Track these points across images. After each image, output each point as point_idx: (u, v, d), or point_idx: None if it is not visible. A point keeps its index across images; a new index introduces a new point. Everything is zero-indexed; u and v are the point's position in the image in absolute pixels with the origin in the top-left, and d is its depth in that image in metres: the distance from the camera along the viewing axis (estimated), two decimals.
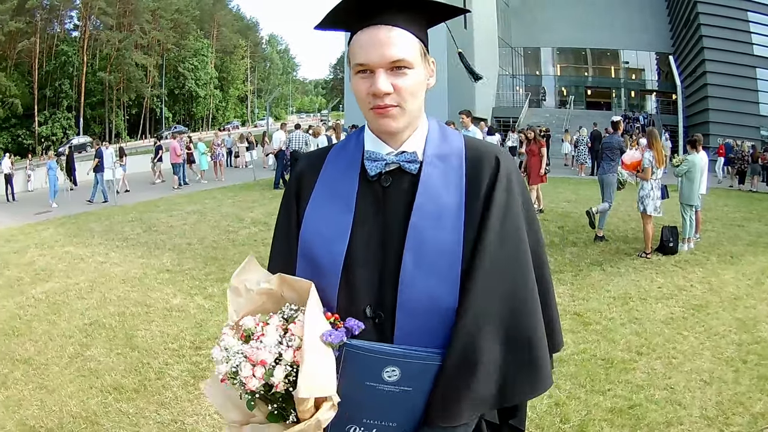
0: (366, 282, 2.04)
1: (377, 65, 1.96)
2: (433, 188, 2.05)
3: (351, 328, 1.92)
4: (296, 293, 2.02)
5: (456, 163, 2.11)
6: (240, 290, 2.10)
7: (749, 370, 7.24)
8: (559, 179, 30.15)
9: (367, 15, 2.00)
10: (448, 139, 2.19)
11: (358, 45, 2.02)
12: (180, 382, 6.97)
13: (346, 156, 2.23)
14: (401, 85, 1.97)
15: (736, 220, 18.57)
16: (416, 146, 2.12)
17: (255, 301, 2.07)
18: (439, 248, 1.97)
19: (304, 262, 2.13)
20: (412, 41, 2.01)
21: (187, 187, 29.36)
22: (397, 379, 1.91)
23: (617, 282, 11.14)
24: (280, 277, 2.04)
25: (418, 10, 2.04)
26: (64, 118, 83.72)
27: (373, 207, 2.10)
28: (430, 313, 1.96)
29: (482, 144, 2.23)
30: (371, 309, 2.02)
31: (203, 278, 11.55)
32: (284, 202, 2.32)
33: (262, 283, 2.07)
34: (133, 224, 18.25)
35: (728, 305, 9.83)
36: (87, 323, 9.12)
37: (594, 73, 70.22)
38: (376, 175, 2.10)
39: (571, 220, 17.28)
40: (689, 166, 13.66)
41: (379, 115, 2.01)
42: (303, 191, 2.24)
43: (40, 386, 6.97)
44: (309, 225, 2.15)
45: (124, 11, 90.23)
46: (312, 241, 2.12)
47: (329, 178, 2.21)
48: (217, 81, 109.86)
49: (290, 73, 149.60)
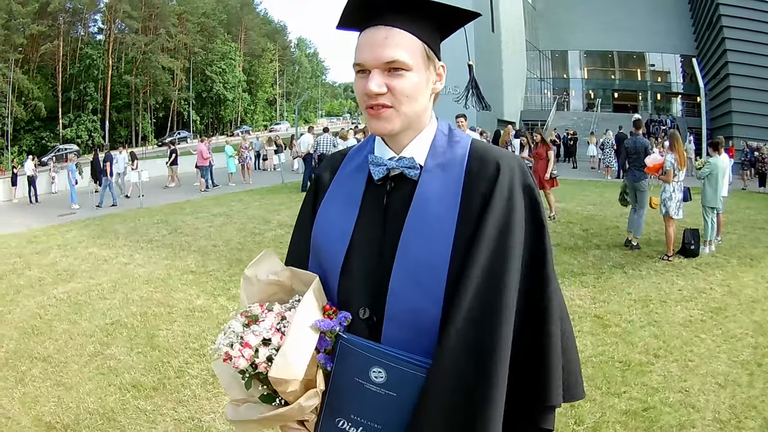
0: (362, 284, 2.05)
1: (372, 65, 1.96)
2: (427, 200, 2.02)
3: (341, 319, 1.98)
4: (305, 286, 2.08)
5: (456, 173, 2.06)
6: (252, 280, 2.19)
7: (764, 374, 7.23)
8: (585, 182, 30.19)
9: (367, 16, 2.00)
10: (453, 145, 2.15)
11: (358, 45, 2.03)
12: (199, 380, 7.01)
13: (359, 158, 2.26)
14: (396, 85, 1.95)
15: (758, 222, 18.45)
16: (417, 152, 2.10)
17: (265, 291, 2.17)
18: (426, 262, 1.95)
19: (314, 259, 2.21)
20: (411, 43, 1.98)
21: (214, 190, 29.54)
22: (383, 381, 1.92)
23: (638, 284, 11.09)
24: (290, 270, 2.14)
25: (420, 11, 2.01)
26: (89, 121, 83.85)
27: (376, 211, 2.10)
28: (414, 324, 1.95)
29: (488, 150, 2.14)
30: (365, 311, 2.02)
31: (227, 279, 11.59)
32: (305, 200, 2.39)
33: (271, 275, 2.16)
34: (158, 226, 18.34)
35: (746, 308, 9.80)
36: (108, 323, 9.17)
37: (620, 76, 70.21)
38: (381, 179, 2.11)
39: (596, 222, 17.19)
40: (711, 168, 13.61)
41: (372, 117, 2.01)
42: (320, 190, 2.31)
43: (57, 383, 7.03)
44: (318, 223, 2.22)
45: (149, 15, 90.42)
46: (319, 239, 2.19)
47: (342, 179, 2.25)
48: (246, 84, 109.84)
49: (319, 77, 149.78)
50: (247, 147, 35.27)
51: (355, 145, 2.39)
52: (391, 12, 1.97)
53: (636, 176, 14.36)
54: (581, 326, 8.79)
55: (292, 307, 2.05)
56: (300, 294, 2.09)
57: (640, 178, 14.26)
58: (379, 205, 2.10)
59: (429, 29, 2.04)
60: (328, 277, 2.12)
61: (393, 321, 1.96)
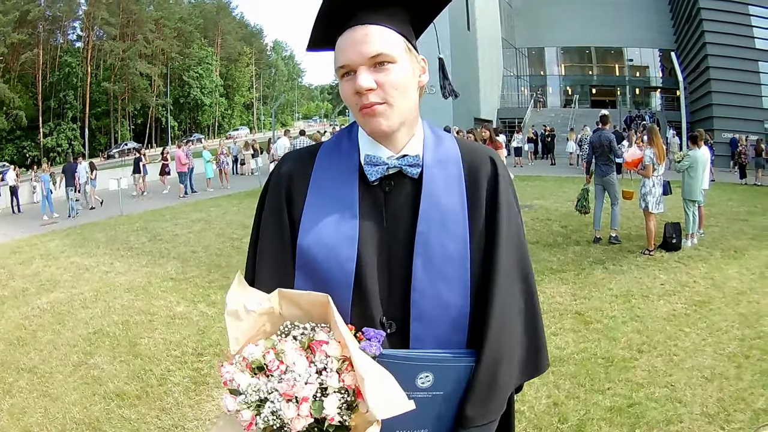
0: (377, 291, 1.96)
1: (357, 63, 1.90)
2: (437, 194, 2.00)
3: (375, 338, 1.81)
4: (300, 309, 1.87)
5: (454, 168, 2.07)
6: (239, 313, 1.87)
7: (751, 366, 7.23)
8: (563, 179, 30.28)
9: (342, 19, 1.97)
10: (443, 143, 2.14)
11: (338, 49, 1.98)
12: (182, 388, 7.01)
13: (340, 158, 2.12)
14: (384, 80, 1.90)
15: (740, 214, 18.64)
16: (418, 150, 2.06)
17: (258, 324, 1.88)
18: (447, 254, 1.94)
19: (305, 275, 1.98)
20: (391, 36, 1.94)
21: (193, 196, 29.58)
22: (430, 384, 1.87)
23: (619, 280, 11.15)
24: (279, 293, 1.86)
25: (393, 4, 1.98)
26: (69, 129, 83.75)
27: (374, 213, 2.01)
28: (443, 318, 1.93)
29: (474, 146, 2.20)
30: (385, 319, 1.96)
31: (207, 285, 11.60)
32: (269, 207, 2.12)
33: (263, 303, 1.86)
34: (138, 234, 18.36)
35: (731, 300, 9.84)
36: (91, 332, 9.17)
37: (598, 72, 70.41)
38: (377, 180, 2.02)
39: (575, 219, 17.18)
40: (690, 161, 13.72)
41: (367, 116, 1.93)
42: (294, 198, 2.08)
43: (44, 394, 7.02)
44: (308, 233, 2.00)
45: (127, 21, 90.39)
46: (313, 251, 1.98)
47: (324, 182, 2.08)
48: (223, 89, 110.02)
49: (296, 80, 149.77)
50: (224, 152, 35.33)
51: (320, 143, 2.25)
52: (364, 11, 1.94)
53: (602, 171, 14.53)
54: (562, 323, 8.84)
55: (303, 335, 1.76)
56: (292, 319, 1.84)
57: (607, 173, 14.45)
58: (377, 207, 2.02)
59: (404, 22, 2.02)
60: (334, 292, 1.88)
61: (420, 319, 1.93)
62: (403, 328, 1.94)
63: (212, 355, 7.97)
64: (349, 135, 2.17)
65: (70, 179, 26.02)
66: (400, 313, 1.94)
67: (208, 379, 7.18)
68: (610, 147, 14.22)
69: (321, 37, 2.07)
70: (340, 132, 2.24)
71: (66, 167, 26.75)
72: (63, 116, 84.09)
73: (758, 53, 45.52)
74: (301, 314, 1.85)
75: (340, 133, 2.23)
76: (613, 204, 14.45)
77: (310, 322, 1.81)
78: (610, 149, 14.21)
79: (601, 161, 14.46)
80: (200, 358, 7.91)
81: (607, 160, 14.30)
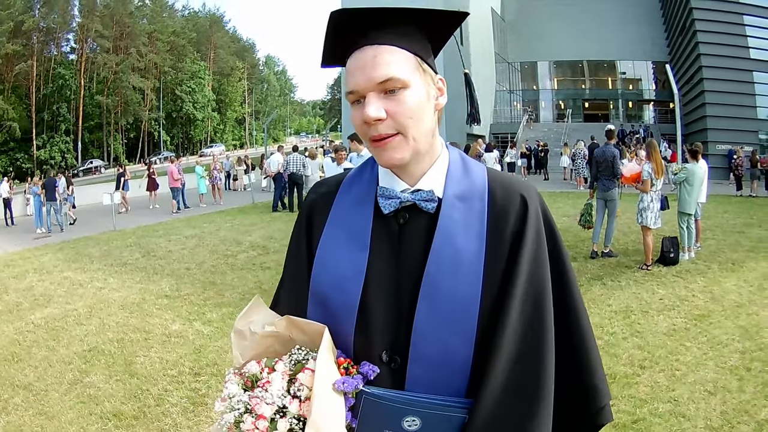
0: (381, 325, 1.87)
1: (365, 89, 1.77)
2: (452, 233, 1.86)
3: (366, 373, 1.79)
4: (307, 336, 1.87)
5: (478, 204, 1.91)
6: (245, 333, 1.94)
7: (753, 378, 7.27)
8: (557, 194, 30.39)
9: (350, 39, 1.85)
10: (470, 174, 1.99)
11: (347, 72, 1.86)
12: (179, 408, 6.95)
13: (359, 189, 2.04)
14: (395, 109, 1.77)
15: (737, 226, 18.76)
16: (435, 183, 1.93)
17: (261, 345, 1.91)
18: (455, 299, 1.80)
19: (316, 303, 1.96)
20: (404, 57, 1.81)
21: (186, 211, 29.57)
22: (417, 428, 1.78)
23: (618, 295, 11.15)
24: (288, 320, 1.86)
25: (404, 22, 1.85)
26: (62, 142, 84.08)
27: (387, 246, 1.92)
28: (443, 363, 1.81)
29: (508, 180, 2.01)
30: (387, 354, 1.86)
31: (202, 303, 11.55)
32: (294, 237, 2.15)
33: (267, 326, 1.90)
34: (131, 249, 18.30)
35: (731, 313, 9.89)
36: (86, 349, 9.11)
37: (591, 85, 70.99)
38: (391, 212, 1.91)
39: (571, 234, 17.18)
40: (687, 174, 13.79)
41: (379, 148, 1.83)
42: (314, 225, 2.07)
43: (40, 412, 6.96)
44: (321, 264, 1.97)
45: (120, 34, 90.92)
46: (324, 281, 1.94)
47: (342, 213, 2.02)
48: (215, 103, 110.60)
49: (288, 95, 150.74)
50: (217, 168, 35.39)
51: (348, 172, 2.17)
52: (373, 29, 1.81)
53: (605, 185, 14.56)
54: None
55: (299, 361, 1.80)
56: (301, 344, 1.86)
57: (609, 188, 14.48)
58: (391, 240, 1.92)
59: (418, 40, 1.88)
60: (339, 322, 1.88)
61: (419, 362, 1.81)
62: (406, 365, 1.84)
63: (209, 375, 7.91)
64: (372, 165, 2.08)
65: (51, 194, 25.84)
66: (405, 349, 1.84)
67: (207, 400, 7.12)
68: (613, 162, 14.25)
69: (331, 55, 1.95)
70: (364, 162, 2.14)
71: (47, 182, 26.58)
72: (56, 129, 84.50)
73: (753, 63, 45.73)
74: (308, 340, 1.86)
75: (364, 163, 2.14)
76: (611, 219, 14.49)
77: (311, 350, 1.84)
78: (613, 164, 14.23)
79: (604, 176, 14.49)
80: (197, 378, 7.85)
81: (610, 175, 14.34)
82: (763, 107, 45.81)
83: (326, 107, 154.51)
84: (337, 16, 1.82)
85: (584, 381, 1.93)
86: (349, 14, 1.81)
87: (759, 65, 45.60)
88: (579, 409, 1.94)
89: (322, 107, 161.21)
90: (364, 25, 1.81)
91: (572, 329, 1.94)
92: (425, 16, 1.86)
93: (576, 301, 1.99)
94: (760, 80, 45.53)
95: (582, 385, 1.93)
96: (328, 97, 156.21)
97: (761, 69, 45.47)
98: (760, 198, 28.60)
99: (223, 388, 1.82)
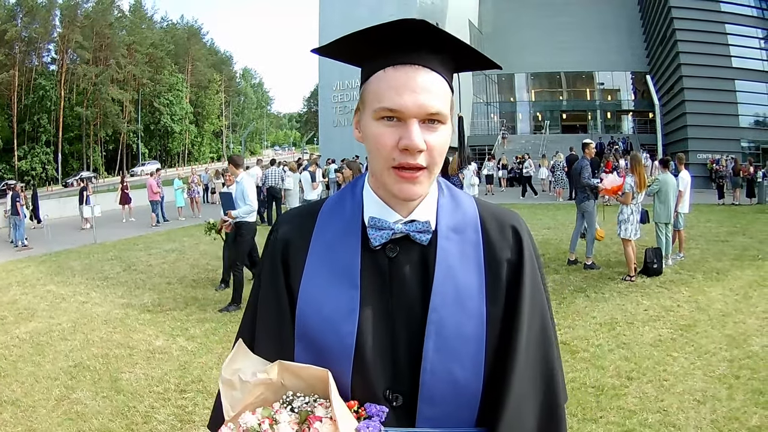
0: (380, 364, 1.79)
1: (413, 114, 1.65)
2: (451, 266, 1.81)
3: (377, 415, 1.68)
4: (302, 381, 1.75)
5: (473, 237, 1.87)
6: (234, 383, 1.79)
7: (742, 386, 7.37)
8: (537, 206, 30.52)
9: (404, 50, 1.70)
10: (460, 205, 1.94)
11: (387, 84, 1.69)
12: (167, 426, 6.95)
13: (342, 219, 1.92)
14: (434, 143, 1.69)
15: (720, 235, 18.95)
16: (428, 214, 1.86)
17: (252, 393, 1.77)
18: (462, 333, 1.76)
19: (305, 347, 1.83)
20: (446, 90, 1.73)
21: (165, 225, 29.51)
22: None
23: (602, 307, 11.22)
24: (280, 365, 1.75)
25: (453, 54, 1.77)
26: (42, 153, 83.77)
27: (378, 280, 1.82)
28: (454, 397, 1.76)
29: (497, 211, 1.96)
30: (390, 392, 1.78)
31: (184, 319, 11.53)
32: (267, 274, 1.96)
33: (259, 374, 1.76)
34: (112, 263, 18.27)
35: (717, 322, 10.00)
36: (71, 365, 9.10)
37: (569, 97, 71.01)
38: (381, 245, 1.82)
39: (552, 246, 17.30)
40: (660, 185, 14.03)
41: (403, 179, 1.71)
42: (292, 262, 1.91)
43: (28, 429, 6.96)
44: (307, 304, 1.84)
45: (100, 45, 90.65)
46: (312, 322, 1.82)
47: (325, 246, 1.89)
48: (192, 116, 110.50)
49: (264, 107, 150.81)
50: (195, 180, 35.32)
51: (324, 200, 2.05)
52: (429, 50, 1.71)
53: (579, 197, 14.87)
54: None
55: (301, 410, 1.66)
56: (294, 390, 1.74)
57: (582, 200, 14.72)
58: (380, 273, 1.83)
59: (450, 72, 1.80)
60: (333, 364, 1.75)
61: (430, 399, 1.75)
62: (410, 402, 1.77)
63: (195, 392, 7.91)
64: (353, 193, 1.98)
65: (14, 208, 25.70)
66: (407, 386, 1.77)
67: (194, 417, 7.13)
68: (580, 175, 14.46)
69: (354, 49, 1.80)
70: (343, 189, 2.05)
71: (13, 195, 26.37)
72: (37, 140, 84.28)
73: (734, 72, 46.12)
74: (304, 386, 1.75)
75: (343, 190, 2.04)
76: (588, 231, 14.62)
77: (312, 395, 1.72)
78: (580, 177, 14.44)
79: (578, 188, 14.80)
80: (183, 395, 7.85)
81: (581, 187, 14.54)
82: (745, 115, 46.14)
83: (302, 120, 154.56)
84: (400, 23, 1.65)
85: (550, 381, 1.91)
86: (412, 26, 1.66)
87: (741, 74, 45.92)
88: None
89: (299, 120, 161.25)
90: (423, 39, 1.70)
91: None
92: (466, 52, 1.80)
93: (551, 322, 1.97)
94: (742, 89, 45.82)
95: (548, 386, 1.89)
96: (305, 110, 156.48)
97: (743, 77, 45.77)
98: (743, 206, 28.97)
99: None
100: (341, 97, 56.80)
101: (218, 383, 1.82)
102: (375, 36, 1.71)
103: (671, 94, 50.84)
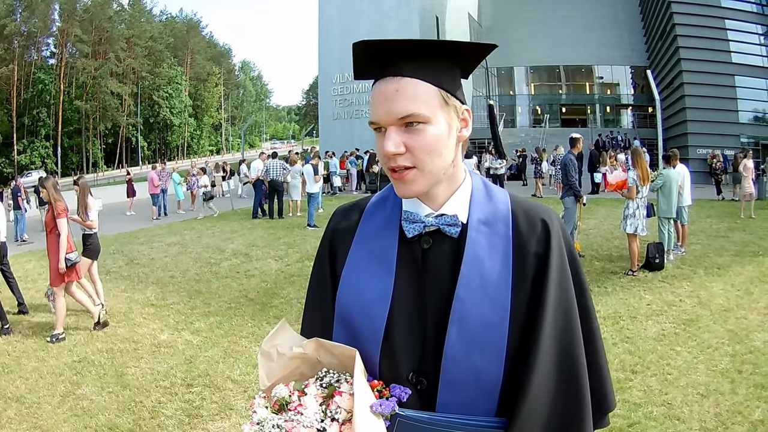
0: (408, 348, 1.88)
1: (386, 122, 1.80)
2: (479, 257, 1.88)
3: (399, 396, 1.79)
4: (336, 359, 1.88)
5: (503, 230, 1.94)
6: (271, 354, 1.96)
7: (745, 380, 7.39)
8: (539, 199, 30.21)
9: (374, 68, 1.86)
10: (493, 200, 2.01)
11: (372, 99, 1.86)
12: (175, 421, 6.92)
13: (384, 213, 2.07)
14: (414, 143, 1.79)
15: (721, 231, 18.90)
16: (458, 208, 1.95)
17: (288, 366, 1.93)
18: (485, 323, 1.81)
19: (342, 327, 1.99)
20: (426, 91, 1.79)
21: (166, 218, 29.45)
22: None
23: (605, 302, 11.20)
24: (316, 342, 1.89)
25: (432, 55, 1.84)
26: (42, 147, 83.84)
27: (412, 270, 1.93)
28: (474, 385, 1.82)
29: (529, 206, 2.03)
30: (414, 376, 1.86)
31: (189, 312, 11.52)
32: (318, 260, 2.18)
33: (295, 348, 1.92)
34: (114, 257, 18.18)
35: (719, 317, 10.00)
36: (76, 360, 9.05)
37: (568, 90, 70.50)
38: (416, 236, 1.94)
39: None
40: (664, 180, 14.03)
41: (396, 180, 1.86)
42: (338, 250, 2.10)
43: (34, 426, 6.92)
44: (346, 288, 1.99)
45: (99, 39, 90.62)
46: (349, 304, 1.96)
47: (366, 238, 2.05)
48: (192, 109, 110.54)
49: (263, 100, 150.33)
50: (195, 174, 34.80)
51: (371, 197, 2.20)
52: (400, 60, 1.80)
53: (562, 192, 15.10)
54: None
55: (329, 386, 1.79)
56: (329, 367, 1.87)
57: (563, 195, 14.92)
58: (415, 264, 1.94)
59: (445, 72, 1.86)
60: (365, 344, 1.89)
61: (450, 384, 1.82)
62: (434, 388, 1.85)
63: (202, 386, 7.88)
64: None
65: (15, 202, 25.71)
66: (431, 372, 1.86)
67: (202, 412, 7.09)
68: (564, 170, 14.66)
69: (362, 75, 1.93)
70: (389, 186, 2.11)
71: (14, 189, 26.28)
72: (36, 134, 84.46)
73: (734, 67, 45.80)
74: (337, 363, 1.87)
75: (389, 187, 2.12)
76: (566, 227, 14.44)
77: (342, 372, 1.84)
78: (564, 172, 14.64)
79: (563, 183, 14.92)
80: (190, 389, 7.81)
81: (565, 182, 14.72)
82: (745, 111, 46.02)
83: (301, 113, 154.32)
84: (361, 46, 1.82)
85: (596, 387, 1.95)
86: (373, 45, 1.81)
87: (741, 69, 45.69)
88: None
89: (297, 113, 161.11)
90: (389, 55, 1.81)
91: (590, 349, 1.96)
92: (452, 49, 1.88)
93: (594, 322, 2.03)
94: (742, 84, 45.72)
95: (594, 390, 1.94)
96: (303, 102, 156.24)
97: (743, 73, 45.62)
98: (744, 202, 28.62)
99: (252, 414, 1.81)
100: (341, 90, 56.75)
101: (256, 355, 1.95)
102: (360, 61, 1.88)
103: (671, 89, 50.57)
